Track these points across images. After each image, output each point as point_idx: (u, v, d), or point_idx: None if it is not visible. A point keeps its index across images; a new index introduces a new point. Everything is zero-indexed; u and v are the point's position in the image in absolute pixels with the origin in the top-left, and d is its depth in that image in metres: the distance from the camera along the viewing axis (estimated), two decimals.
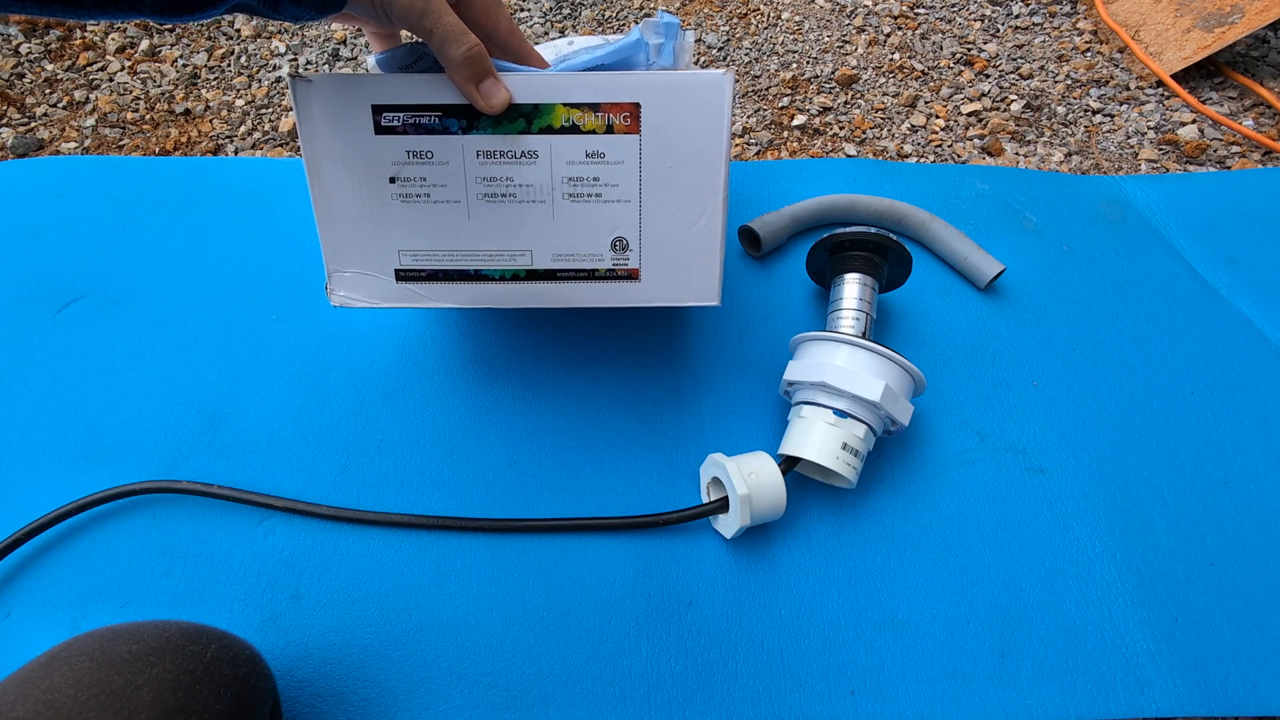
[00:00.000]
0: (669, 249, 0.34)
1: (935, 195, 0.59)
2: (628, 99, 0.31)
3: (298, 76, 0.31)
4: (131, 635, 0.26)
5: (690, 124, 0.32)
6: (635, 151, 0.32)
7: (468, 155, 0.32)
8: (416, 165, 0.32)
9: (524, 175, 0.33)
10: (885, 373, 0.38)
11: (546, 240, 0.34)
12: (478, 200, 0.33)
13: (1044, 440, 0.44)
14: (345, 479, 0.40)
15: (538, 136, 0.32)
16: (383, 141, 0.32)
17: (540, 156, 0.32)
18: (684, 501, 0.40)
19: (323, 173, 0.33)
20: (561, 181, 0.33)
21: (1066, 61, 0.77)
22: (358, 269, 0.34)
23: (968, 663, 0.35)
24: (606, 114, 0.32)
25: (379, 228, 0.34)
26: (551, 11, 0.81)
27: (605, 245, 0.34)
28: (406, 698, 0.34)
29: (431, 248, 0.34)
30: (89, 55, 0.70)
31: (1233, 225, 0.58)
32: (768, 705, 0.34)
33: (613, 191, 0.33)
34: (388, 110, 0.31)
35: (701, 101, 0.32)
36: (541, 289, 0.35)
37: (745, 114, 0.70)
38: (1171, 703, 0.34)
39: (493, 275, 0.34)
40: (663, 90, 0.32)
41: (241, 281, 0.50)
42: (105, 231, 0.53)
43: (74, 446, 0.41)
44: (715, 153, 0.33)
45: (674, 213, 0.34)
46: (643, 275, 0.35)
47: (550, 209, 0.33)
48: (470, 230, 0.33)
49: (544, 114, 0.31)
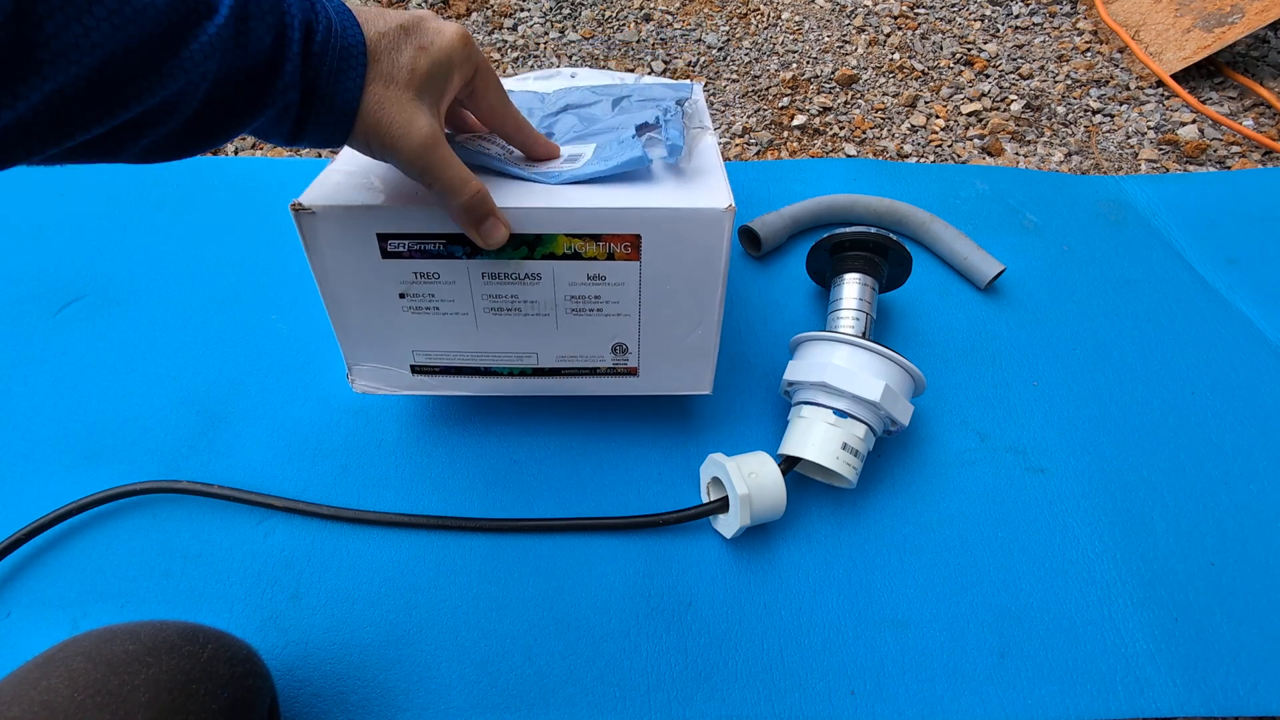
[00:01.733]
0: (666, 352, 0.37)
1: (935, 195, 0.59)
2: (628, 231, 0.32)
3: (300, 209, 0.31)
4: (128, 635, 0.26)
5: (689, 253, 0.33)
6: (635, 275, 0.33)
7: (473, 276, 0.33)
8: (424, 284, 0.33)
9: (528, 294, 0.34)
10: (885, 373, 0.38)
11: (551, 345, 0.36)
12: (485, 313, 0.34)
13: (1044, 440, 0.44)
14: (345, 479, 0.40)
15: (540, 261, 0.33)
16: (390, 264, 0.33)
17: (543, 279, 0.33)
18: (684, 501, 0.40)
19: (333, 290, 0.34)
20: (564, 299, 0.34)
21: (1066, 61, 0.77)
22: (376, 364, 0.37)
23: (968, 663, 0.35)
24: (607, 243, 0.32)
25: (392, 334, 0.36)
26: (551, 11, 0.81)
27: (606, 349, 0.36)
28: (406, 698, 0.34)
29: (443, 349, 0.36)
30: None
31: (1233, 225, 0.58)
32: (768, 705, 0.34)
33: (613, 307, 0.34)
34: (393, 238, 0.32)
35: (701, 233, 0.32)
36: (547, 382, 0.38)
37: (745, 114, 0.70)
38: (1171, 703, 0.34)
39: (501, 371, 0.37)
40: (663, 223, 0.32)
41: (241, 281, 0.50)
42: (105, 231, 0.53)
43: (74, 446, 0.41)
44: (713, 276, 0.34)
45: (671, 325, 0.35)
46: (641, 372, 0.37)
47: (554, 320, 0.35)
48: (478, 337, 0.35)
49: (546, 243, 0.32)
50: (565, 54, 0.75)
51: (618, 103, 0.39)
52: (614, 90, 0.41)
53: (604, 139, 0.35)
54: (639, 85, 0.42)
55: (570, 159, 0.33)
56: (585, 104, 0.40)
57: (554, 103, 0.40)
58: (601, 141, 0.35)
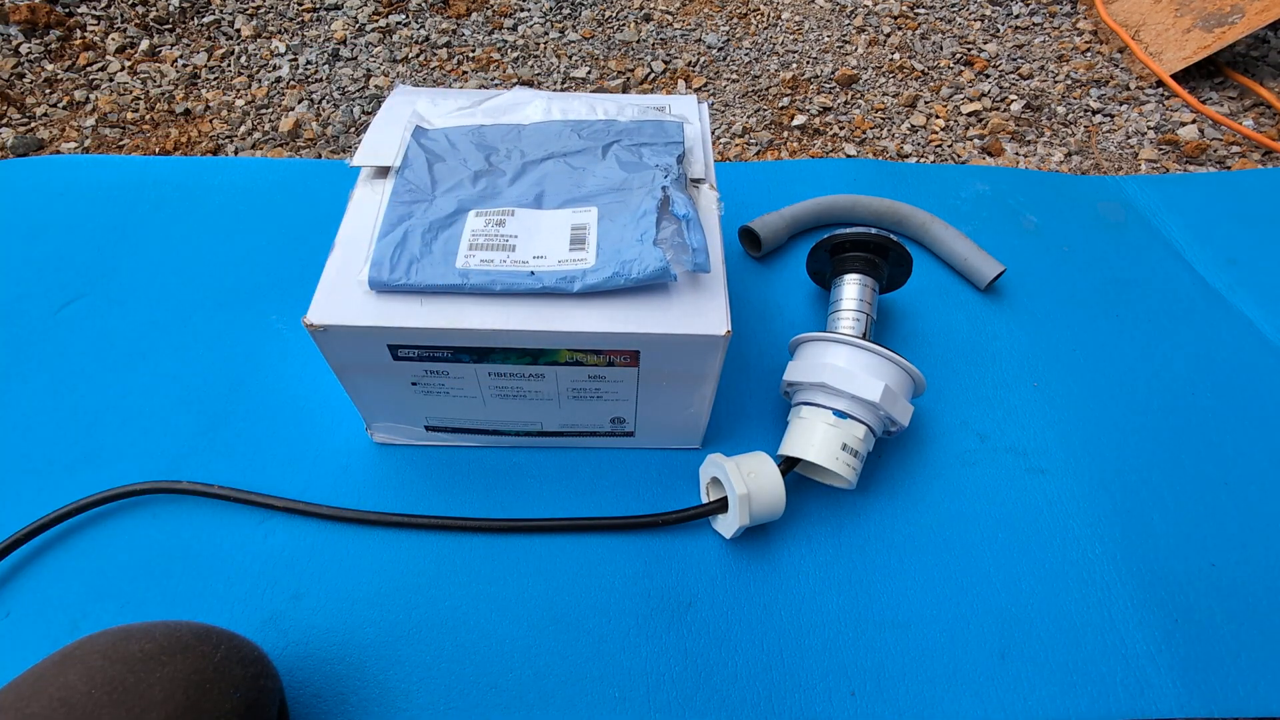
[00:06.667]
0: (660, 424, 0.40)
1: (935, 195, 0.59)
2: (628, 348, 0.33)
3: (312, 327, 0.32)
4: (143, 634, 0.26)
5: (684, 364, 0.34)
6: (633, 376, 0.35)
7: (480, 375, 0.35)
8: (434, 377, 0.35)
9: (532, 386, 0.36)
10: (885, 373, 0.38)
11: (554, 417, 0.39)
12: (492, 397, 0.37)
13: (1044, 441, 0.44)
14: (345, 479, 0.40)
15: (544, 366, 0.34)
16: (401, 365, 0.34)
17: (546, 378, 0.35)
18: (683, 501, 0.40)
19: (348, 379, 0.36)
20: (566, 390, 0.36)
21: (1066, 61, 0.77)
22: (392, 424, 0.40)
23: (968, 663, 0.35)
24: (607, 355, 0.34)
25: (406, 409, 0.38)
26: (551, 11, 0.81)
27: (605, 421, 0.39)
28: (406, 698, 0.34)
29: (454, 418, 0.39)
30: (89, 55, 0.70)
31: (1233, 225, 0.58)
32: (768, 705, 0.34)
33: (611, 395, 0.37)
34: (403, 348, 0.33)
35: (696, 350, 0.33)
36: (551, 440, 0.41)
37: (745, 114, 0.70)
38: (1171, 704, 0.34)
39: (509, 432, 0.40)
40: (660, 343, 0.33)
41: (241, 281, 0.50)
42: (105, 231, 0.53)
43: (74, 446, 0.41)
44: (706, 377, 0.35)
45: (665, 406, 0.38)
46: (637, 435, 0.41)
47: (557, 403, 0.37)
48: (486, 411, 0.38)
49: (550, 354, 0.33)
50: (565, 54, 0.75)
51: (607, 149, 0.38)
52: (598, 130, 0.39)
53: (609, 208, 0.35)
54: (626, 125, 0.39)
55: (578, 248, 0.33)
56: (571, 151, 0.38)
57: (535, 145, 0.38)
58: (607, 211, 0.35)
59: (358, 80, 0.70)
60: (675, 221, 0.34)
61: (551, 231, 0.34)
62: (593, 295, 0.32)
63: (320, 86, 0.69)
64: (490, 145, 0.38)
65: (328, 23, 0.76)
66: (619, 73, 0.74)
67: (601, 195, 0.35)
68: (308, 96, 0.68)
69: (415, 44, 0.75)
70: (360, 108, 0.67)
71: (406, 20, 0.78)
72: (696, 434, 0.41)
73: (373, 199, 0.36)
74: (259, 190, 0.56)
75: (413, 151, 0.37)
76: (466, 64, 0.74)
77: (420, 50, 0.75)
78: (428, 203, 0.35)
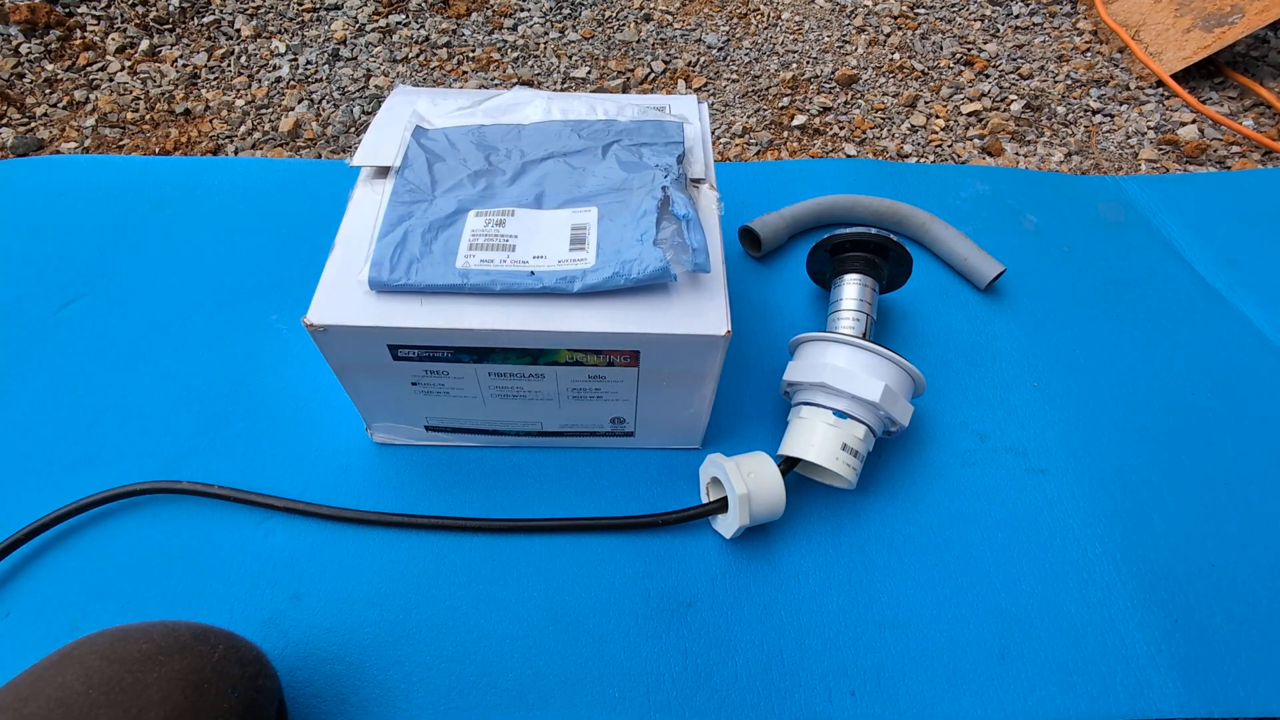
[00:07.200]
0: (660, 424, 0.40)
1: (935, 195, 0.59)
2: (628, 348, 0.33)
3: (312, 327, 0.32)
4: (141, 634, 0.26)
5: (684, 363, 0.34)
6: (633, 376, 0.35)
7: (480, 375, 0.35)
8: (434, 377, 0.35)
9: (532, 386, 0.36)
10: (885, 373, 0.38)
11: (554, 417, 0.39)
12: (491, 397, 0.37)
13: (1044, 441, 0.44)
14: (345, 479, 0.40)
15: (544, 366, 0.34)
16: (401, 365, 0.34)
17: (546, 378, 0.35)
18: (683, 501, 0.40)
19: (348, 379, 0.36)
20: (566, 390, 0.36)
21: (1066, 61, 0.77)
22: (392, 424, 0.40)
23: (968, 663, 0.35)
24: (607, 355, 0.34)
25: (406, 409, 0.38)
26: (551, 11, 0.81)
27: (605, 421, 0.39)
28: (406, 698, 0.34)
29: (454, 418, 0.39)
30: (89, 55, 0.70)
31: (1233, 225, 0.58)
32: (768, 705, 0.34)
33: (611, 394, 0.37)
34: (403, 348, 0.33)
35: (697, 349, 0.33)
36: (551, 440, 0.41)
37: (745, 114, 0.70)
38: (1171, 704, 0.34)
39: (509, 432, 0.40)
40: (660, 343, 0.33)
41: (241, 281, 0.50)
42: (105, 231, 0.53)
43: (74, 446, 0.41)
44: (706, 376, 0.35)
45: (665, 406, 0.38)
46: (637, 435, 0.41)
47: (557, 403, 0.37)
48: (486, 411, 0.38)
49: (549, 354, 0.33)
50: (565, 54, 0.75)
51: (607, 149, 0.38)
52: (598, 130, 0.39)
53: (609, 208, 0.35)
54: (626, 125, 0.39)
55: (578, 248, 0.33)
56: (571, 151, 0.38)
57: (535, 145, 0.38)
58: (607, 210, 0.35)
59: (358, 80, 0.70)
60: (675, 221, 0.34)
61: (551, 231, 0.34)
62: (593, 295, 0.32)
63: (320, 86, 0.69)
64: (490, 145, 0.38)
65: (328, 23, 0.77)
66: (619, 73, 0.74)
67: (601, 195, 0.35)
68: (308, 96, 0.68)
69: (415, 44, 0.75)
70: (360, 108, 0.67)
71: (406, 20, 0.78)
72: (696, 434, 0.41)
73: (373, 199, 0.36)
74: (259, 190, 0.56)
75: (413, 151, 0.37)
76: (466, 64, 0.74)
77: (420, 50, 0.75)
78: (428, 203, 0.35)
